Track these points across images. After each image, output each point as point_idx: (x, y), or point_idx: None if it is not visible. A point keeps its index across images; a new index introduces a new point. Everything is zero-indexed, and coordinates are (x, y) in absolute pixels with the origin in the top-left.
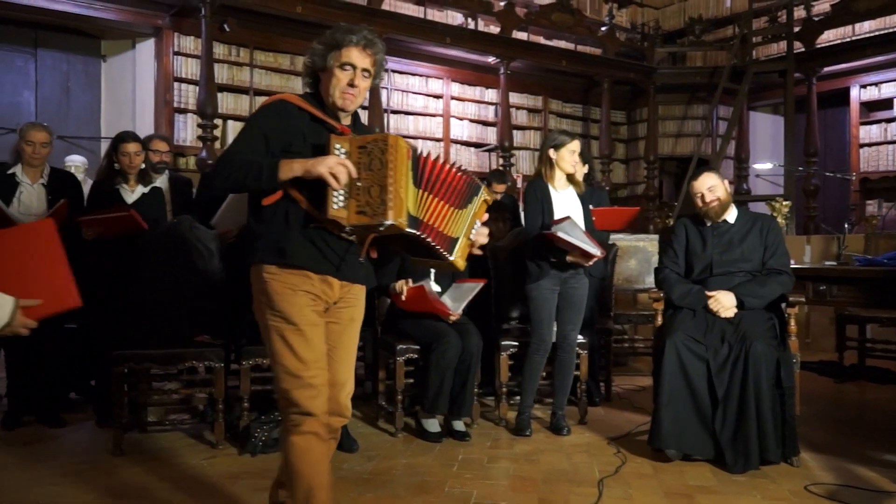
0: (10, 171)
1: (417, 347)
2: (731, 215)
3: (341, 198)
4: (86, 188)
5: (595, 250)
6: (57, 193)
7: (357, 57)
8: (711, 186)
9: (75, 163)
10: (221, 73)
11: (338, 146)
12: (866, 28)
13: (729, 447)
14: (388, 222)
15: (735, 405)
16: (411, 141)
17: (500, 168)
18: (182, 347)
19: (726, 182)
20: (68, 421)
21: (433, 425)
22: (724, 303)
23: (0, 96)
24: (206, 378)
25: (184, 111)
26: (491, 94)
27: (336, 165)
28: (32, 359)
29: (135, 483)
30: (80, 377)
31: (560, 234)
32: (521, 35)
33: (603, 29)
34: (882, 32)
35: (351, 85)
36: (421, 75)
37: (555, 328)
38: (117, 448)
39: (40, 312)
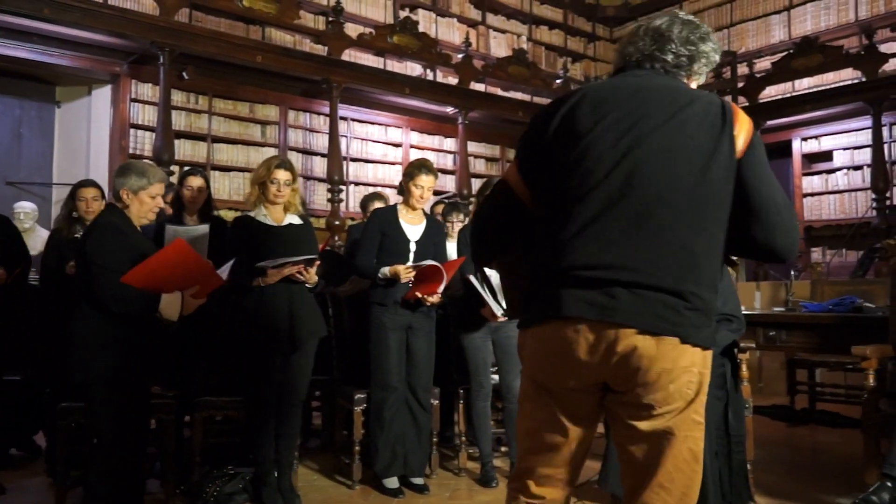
0: None
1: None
2: None
3: None
4: (36, 235)
5: (498, 310)
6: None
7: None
8: None
9: (25, 209)
10: (179, 120)
11: None
12: (805, 85)
13: None
14: None
15: None
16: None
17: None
18: None
19: None
20: (10, 479)
21: (391, 482)
22: None
23: None
24: (156, 431)
25: (139, 157)
26: (449, 143)
27: None
28: None
29: None
30: (23, 432)
31: (472, 280)
32: (479, 86)
33: (558, 81)
34: (819, 89)
35: None
36: (381, 124)
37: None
38: None
39: (202, 293)
